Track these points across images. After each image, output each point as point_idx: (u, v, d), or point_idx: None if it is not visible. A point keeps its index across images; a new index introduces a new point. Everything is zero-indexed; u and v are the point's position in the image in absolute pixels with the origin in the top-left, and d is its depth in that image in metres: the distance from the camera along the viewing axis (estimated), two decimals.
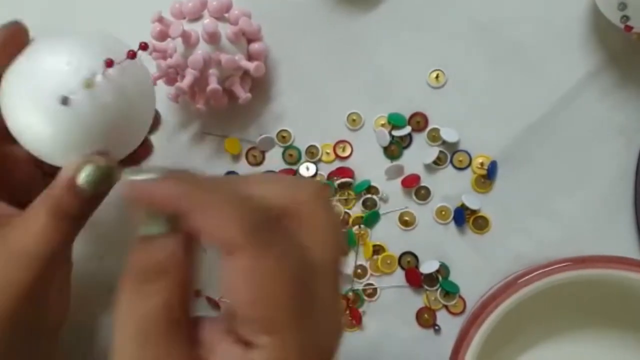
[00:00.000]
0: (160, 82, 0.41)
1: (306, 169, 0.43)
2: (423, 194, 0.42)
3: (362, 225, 0.43)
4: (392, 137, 0.43)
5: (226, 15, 0.40)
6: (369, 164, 0.43)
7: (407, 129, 0.43)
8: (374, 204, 0.43)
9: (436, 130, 0.43)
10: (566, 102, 0.42)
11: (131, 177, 0.24)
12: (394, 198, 0.43)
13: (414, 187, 0.42)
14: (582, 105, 0.42)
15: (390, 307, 0.42)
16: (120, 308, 0.23)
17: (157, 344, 0.23)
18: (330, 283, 0.25)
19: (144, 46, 0.30)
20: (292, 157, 0.43)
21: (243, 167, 0.44)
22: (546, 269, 0.37)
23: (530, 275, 0.37)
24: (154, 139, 0.45)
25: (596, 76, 0.42)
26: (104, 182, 0.31)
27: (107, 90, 0.30)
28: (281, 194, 0.25)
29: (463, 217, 0.42)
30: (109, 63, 0.29)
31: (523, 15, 0.43)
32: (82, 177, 0.30)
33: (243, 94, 0.41)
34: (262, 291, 0.23)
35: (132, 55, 0.30)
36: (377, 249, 0.42)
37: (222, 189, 0.24)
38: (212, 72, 0.39)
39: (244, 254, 0.23)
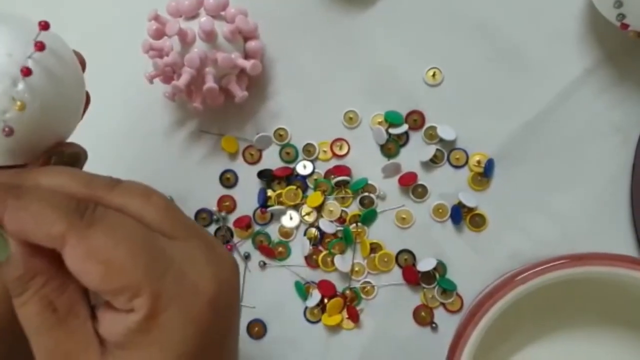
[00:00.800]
0: (156, 81, 0.41)
1: (303, 167, 0.43)
2: (420, 192, 0.43)
3: (359, 224, 0.43)
4: (389, 135, 0.43)
5: (223, 13, 0.40)
6: (366, 162, 0.43)
7: (404, 127, 0.43)
8: (371, 202, 0.43)
9: (433, 128, 0.43)
10: (563, 99, 0.42)
11: None
12: (391, 196, 0.43)
13: (411, 185, 0.42)
14: (578, 102, 0.42)
15: (388, 305, 0.42)
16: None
17: (51, 334, 0.25)
18: (178, 233, 0.26)
19: (44, 25, 0.26)
20: (289, 155, 0.43)
21: (240, 166, 0.44)
22: (543, 267, 0.37)
23: (527, 273, 0.37)
24: (152, 138, 0.45)
25: (593, 74, 0.42)
26: None
27: (42, 76, 0.26)
28: (77, 185, 0.27)
29: (460, 215, 0.42)
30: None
31: (520, 13, 0.43)
32: None
33: (240, 93, 0.41)
34: (107, 264, 0.24)
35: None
36: (375, 247, 0.43)
37: (34, 189, 0.26)
38: (209, 70, 0.39)
39: (72, 241, 0.24)
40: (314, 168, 0.43)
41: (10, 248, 0.25)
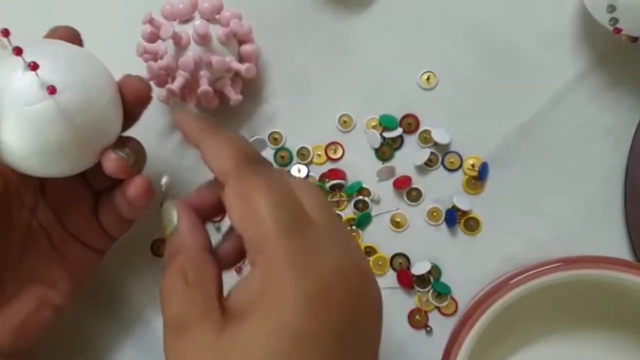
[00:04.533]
0: (151, 84, 0.41)
1: (298, 171, 0.43)
2: (414, 195, 0.43)
3: (353, 227, 0.43)
4: (384, 138, 0.43)
5: (217, 16, 0.40)
6: (360, 165, 0.43)
7: (399, 131, 0.43)
8: (366, 205, 0.43)
9: (427, 131, 0.43)
10: (556, 103, 0.42)
11: (178, 110, 0.34)
12: (385, 199, 0.43)
13: (406, 188, 0.42)
14: (571, 106, 0.42)
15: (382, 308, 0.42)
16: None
17: (178, 298, 0.28)
18: (328, 226, 0.28)
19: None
20: (284, 158, 0.43)
21: None
22: (537, 270, 0.37)
23: (522, 276, 0.37)
24: (146, 141, 0.45)
25: (585, 77, 0.42)
26: None
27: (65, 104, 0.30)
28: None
29: (454, 218, 0.42)
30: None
31: (513, 17, 0.43)
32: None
33: (234, 96, 0.41)
34: (248, 212, 0.27)
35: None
36: (369, 251, 0.42)
37: (231, 134, 0.31)
38: (203, 73, 0.39)
39: (234, 180, 0.28)
40: (308, 171, 0.43)
41: (179, 222, 0.31)
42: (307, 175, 0.43)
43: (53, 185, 0.35)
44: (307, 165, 0.43)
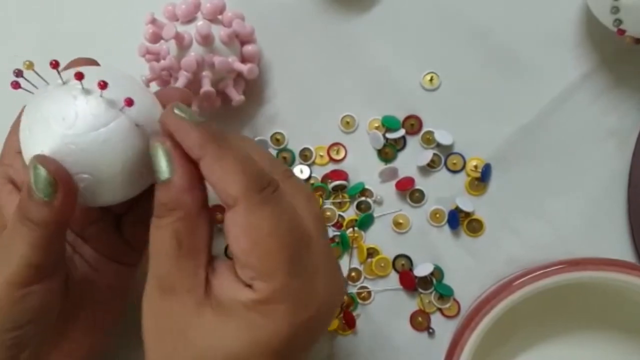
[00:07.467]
0: (153, 85, 0.41)
1: (300, 172, 0.43)
2: (417, 196, 0.42)
3: (356, 228, 0.43)
4: (386, 139, 0.43)
5: (219, 17, 0.40)
6: (363, 166, 0.43)
7: (401, 132, 0.43)
8: (368, 206, 0.43)
9: (430, 132, 0.43)
10: (559, 104, 0.42)
11: (177, 110, 0.28)
12: (388, 201, 0.43)
13: (408, 189, 0.42)
14: (575, 107, 0.42)
15: (385, 310, 0.42)
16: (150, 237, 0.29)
17: (168, 262, 0.28)
18: (321, 247, 0.29)
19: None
20: (286, 159, 0.43)
21: None
22: (540, 272, 0.37)
23: (525, 278, 0.37)
24: None
25: (589, 79, 0.42)
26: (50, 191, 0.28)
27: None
28: (263, 162, 0.29)
29: (457, 219, 0.42)
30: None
31: (517, 18, 0.43)
32: (32, 181, 0.28)
33: (236, 97, 0.40)
34: (256, 243, 0.27)
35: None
36: (371, 252, 0.42)
37: (235, 147, 0.28)
38: (206, 74, 0.39)
39: (241, 208, 0.27)
40: (310, 172, 0.43)
41: (173, 175, 0.28)
42: (310, 177, 0.43)
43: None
44: (309, 166, 0.43)
